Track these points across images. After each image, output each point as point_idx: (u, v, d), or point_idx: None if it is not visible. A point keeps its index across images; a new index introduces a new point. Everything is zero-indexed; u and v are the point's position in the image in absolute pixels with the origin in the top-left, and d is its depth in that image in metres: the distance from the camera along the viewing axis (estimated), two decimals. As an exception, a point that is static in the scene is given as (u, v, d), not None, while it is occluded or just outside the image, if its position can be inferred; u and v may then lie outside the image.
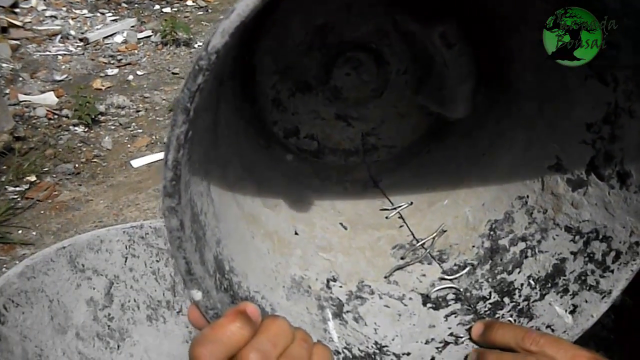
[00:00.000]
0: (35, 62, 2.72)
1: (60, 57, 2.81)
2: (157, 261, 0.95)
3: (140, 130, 2.14)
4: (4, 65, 2.60)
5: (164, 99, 2.38)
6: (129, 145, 2.04)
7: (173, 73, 2.64)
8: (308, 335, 0.43)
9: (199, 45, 2.95)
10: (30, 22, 3.11)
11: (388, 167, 0.70)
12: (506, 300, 0.55)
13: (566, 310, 0.52)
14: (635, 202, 0.48)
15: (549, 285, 0.53)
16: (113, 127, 2.16)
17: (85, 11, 3.29)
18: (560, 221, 0.54)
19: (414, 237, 0.62)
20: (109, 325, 0.93)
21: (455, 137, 0.67)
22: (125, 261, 0.93)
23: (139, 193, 1.71)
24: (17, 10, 3.14)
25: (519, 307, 0.54)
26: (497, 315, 0.54)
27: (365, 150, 0.71)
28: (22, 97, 2.33)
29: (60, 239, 1.45)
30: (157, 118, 2.23)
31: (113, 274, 0.93)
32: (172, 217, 0.40)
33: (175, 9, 3.45)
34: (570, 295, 0.52)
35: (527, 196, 0.57)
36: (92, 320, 0.92)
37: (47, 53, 2.84)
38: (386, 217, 0.64)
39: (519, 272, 0.56)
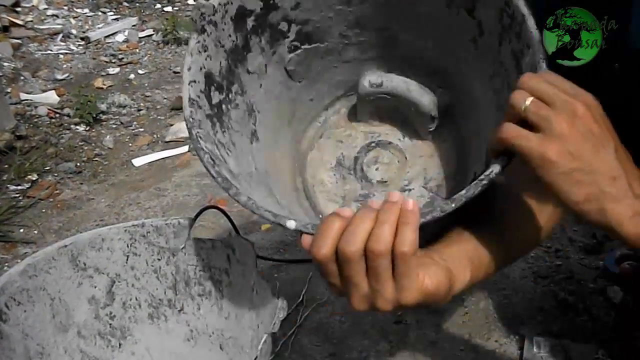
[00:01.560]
0: (37, 61, 2.73)
1: (61, 56, 2.81)
2: (159, 259, 0.95)
3: (142, 129, 2.14)
4: (5, 64, 2.60)
5: (165, 98, 2.39)
6: (130, 144, 2.04)
7: (174, 72, 2.64)
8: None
9: (200, 44, 2.95)
10: (31, 21, 3.11)
11: None
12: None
13: None
14: None
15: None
16: (114, 126, 2.16)
17: (86, 10, 3.29)
18: None
19: None
20: (110, 324, 0.93)
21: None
22: (127, 260, 0.93)
23: (140, 192, 1.71)
24: (18, 9, 3.14)
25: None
26: None
27: None
28: (23, 96, 2.33)
29: (61, 237, 1.45)
30: (159, 117, 2.23)
31: (114, 272, 0.93)
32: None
33: (177, 8, 3.44)
34: None
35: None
36: (94, 319, 0.92)
37: (49, 52, 2.84)
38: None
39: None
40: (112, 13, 3.30)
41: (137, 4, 3.37)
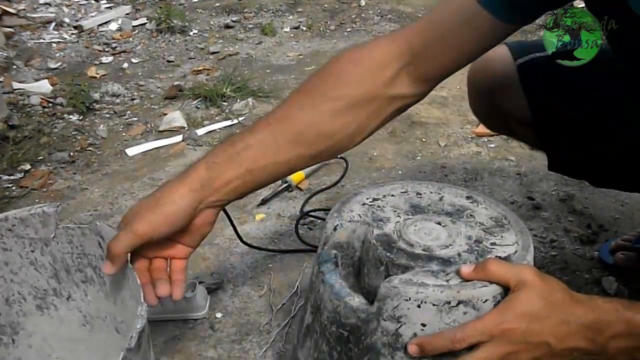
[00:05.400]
0: (30, 50, 2.70)
1: (54, 44, 2.79)
2: (32, 251, 0.89)
3: (135, 119, 2.13)
4: (-3, 53, 2.58)
5: (158, 87, 2.37)
6: (123, 134, 2.03)
7: (168, 61, 2.62)
8: None
9: (194, 33, 2.93)
10: (24, 9, 3.08)
11: None
12: None
13: None
14: None
15: None
16: (108, 115, 2.14)
17: (79, -2, 3.27)
18: None
19: None
20: (-3, 322, 0.89)
21: None
22: (-2, 256, 0.88)
23: (133, 181, 1.70)
24: (10, -3, 3.12)
25: None
26: None
27: None
28: (16, 85, 2.32)
29: (55, 227, 1.44)
30: (152, 106, 2.22)
31: (-12, 270, 0.87)
32: None
33: (171, -3, 3.42)
34: None
35: None
36: (-22, 321, 0.87)
37: (42, 41, 2.81)
38: None
39: None
40: (105, 1, 3.28)
41: (131, -8, 3.35)
